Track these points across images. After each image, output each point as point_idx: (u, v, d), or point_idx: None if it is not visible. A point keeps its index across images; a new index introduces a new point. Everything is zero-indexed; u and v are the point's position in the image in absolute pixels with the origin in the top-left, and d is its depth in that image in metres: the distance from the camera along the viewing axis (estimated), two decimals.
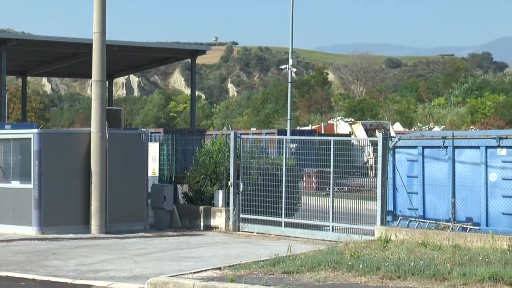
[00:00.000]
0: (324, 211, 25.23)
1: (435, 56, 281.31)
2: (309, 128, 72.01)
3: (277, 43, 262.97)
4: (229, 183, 26.95)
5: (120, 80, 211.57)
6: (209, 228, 27.48)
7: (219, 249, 22.45)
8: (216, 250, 22.32)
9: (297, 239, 24.69)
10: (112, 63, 36.33)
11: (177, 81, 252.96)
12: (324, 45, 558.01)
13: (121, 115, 30.36)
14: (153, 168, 30.76)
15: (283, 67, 54.91)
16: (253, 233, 26.43)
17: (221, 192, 27.39)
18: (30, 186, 25.87)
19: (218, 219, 27.35)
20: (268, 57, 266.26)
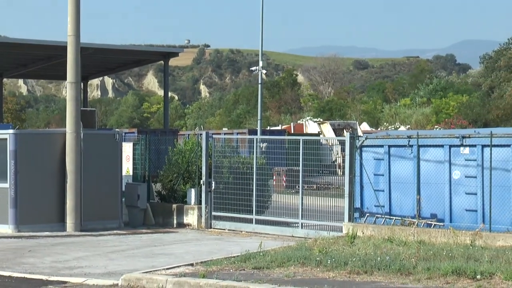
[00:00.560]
0: (293, 208, 25.26)
1: (401, 58, 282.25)
2: (279, 128, 71.99)
3: (248, 46, 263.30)
4: (201, 182, 26.93)
5: (95, 81, 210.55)
6: (182, 225, 27.44)
7: (191, 246, 22.42)
8: (188, 247, 22.29)
9: (267, 236, 24.71)
10: (87, 65, 36.16)
11: (151, 82, 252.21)
12: (293, 48, 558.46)
13: (96, 116, 30.25)
14: (127, 167, 30.70)
15: (254, 69, 54.98)
16: (224, 230, 26.42)
17: (193, 190, 27.35)
18: (6, 185, 25.68)
19: (190, 217, 27.32)
20: (239, 59, 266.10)
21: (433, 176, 22.44)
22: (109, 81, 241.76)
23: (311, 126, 66.80)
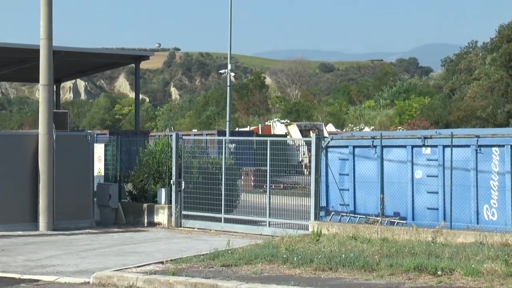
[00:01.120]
0: (261, 207, 25.29)
1: (365, 61, 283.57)
2: (247, 129, 72.03)
3: (217, 49, 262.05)
4: (172, 182, 26.87)
5: (67, 84, 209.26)
6: (152, 224, 27.36)
7: (161, 244, 22.36)
8: (159, 245, 22.24)
9: (236, 234, 24.70)
10: (59, 68, 35.92)
11: (122, 85, 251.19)
12: (261, 51, 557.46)
13: (68, 118, 30.12)
14: (99, 168, 30.57)
15: (223, 71, 54.91)
16: (194, 228, 26.37)
17: (163, 190, 27.29)
18: None
19: (161, 216, 27.25)
20: (208, 62, 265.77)
21: (396, 175, 22.56)
22: (81, 84, 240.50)
23: (278, 127, 66.91)
